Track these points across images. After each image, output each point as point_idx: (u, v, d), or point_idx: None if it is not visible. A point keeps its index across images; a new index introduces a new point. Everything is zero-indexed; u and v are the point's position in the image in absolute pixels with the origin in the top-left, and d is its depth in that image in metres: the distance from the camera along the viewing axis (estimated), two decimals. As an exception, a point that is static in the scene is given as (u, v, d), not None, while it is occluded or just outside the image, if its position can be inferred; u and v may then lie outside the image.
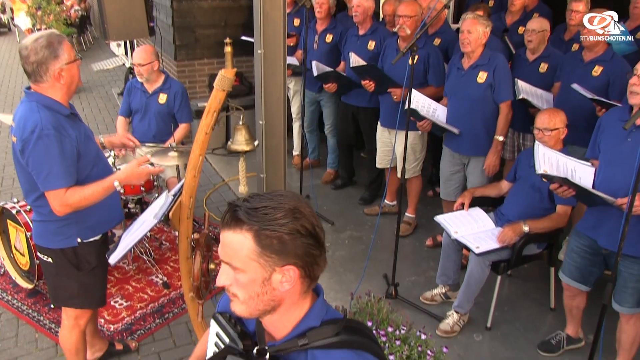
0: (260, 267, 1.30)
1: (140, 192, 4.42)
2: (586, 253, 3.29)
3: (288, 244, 1.28)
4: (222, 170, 6.60)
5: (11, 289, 4.36)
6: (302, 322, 1.38)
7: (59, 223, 2.79)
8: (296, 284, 1.33)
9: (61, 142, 2.59)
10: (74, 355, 3.18)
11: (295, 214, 1.30)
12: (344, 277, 4.49)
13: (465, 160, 4.42)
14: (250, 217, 1.28)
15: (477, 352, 3.67)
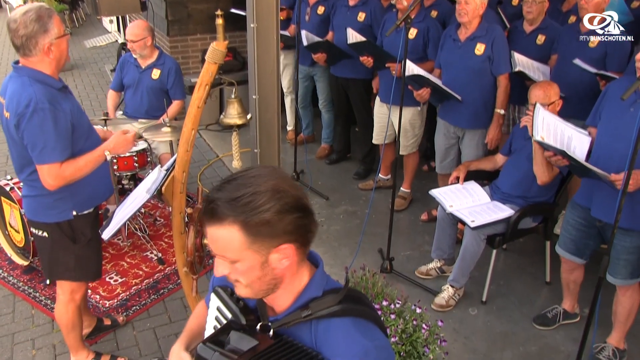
0: (255, 253, 1.28)
1: (134, 168, 4.39)
2: (581, 225, 3.29)
3: (277, 225, 1.26)
4: (216, 146, 6.56)
5: (7, 266, 4.34)
6: (304, 293, 1.38)
7: (54, 196, 2.78)
8: (294, 256, 1.33)
9: (55, 116, 2.58)
10: (70, 330, 3.18)
11: (276, 194, 1.26)
12: (338, 251, 4.49)
13: (460, 133, 4.39)
14: (233, 210, 1.24)
15: (472, 326, 3.69)
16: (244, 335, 1.35)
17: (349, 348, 1.30)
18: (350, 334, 1.32)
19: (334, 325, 1.33)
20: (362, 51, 4.74)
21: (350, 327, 1.33)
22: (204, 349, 1.32)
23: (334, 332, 1.33)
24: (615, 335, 3.38)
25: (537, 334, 3.62)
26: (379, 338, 1.37)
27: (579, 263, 3.41)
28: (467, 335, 3.60)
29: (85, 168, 2.72)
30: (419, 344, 2.60)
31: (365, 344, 1.30)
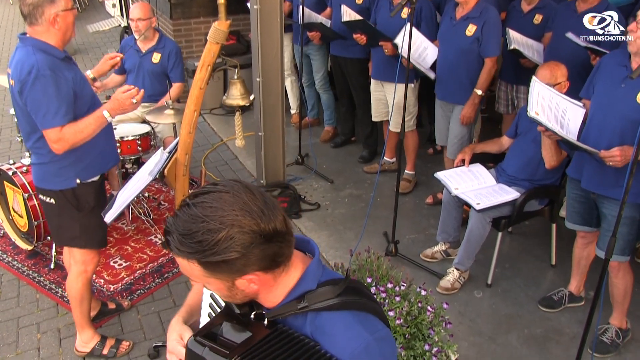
0: (219, 281, 1.24)
1: (138, 152, 4.37)
2: (581, 197, 3.28)
3: (236, 263, 1.18)
4: (220, 130, 6.53)
5: (11, 251, 4.34)
6: (296, 287, 1.31)
7: (58, 164, 2.84)
8: (265, 278, 1.26)
9: (57, 82, 2.63)
10: (78, 303, 3.22)
11: (235, 231, 1.15)
12: (343, 235, 4.47)
13: (450, 108, 4.45)
14: (185, 249, 1.17)
15: (477, 309, 3.67)
16: (237, 326, 1.30)
17: (349, 342, 1.25)
18: (350, 327, 1.27)
19: (332, 319, 1.28)
20: (356, 29, 4.72)
21: (350, 319, 1.28)
22: (194, 344, 1.26)
23: (333, 325, 1.27)
24: (616, 316, 3.38)
25: (542, 316, 3.61)
26: (380, 329, 1.31)
27: (593, 232, 3.37)
28: (472, 317, 3.59)
29: (86, 130, 2.74)
30: (424, 326, 2.59)
31: (365, 337, 1.25)
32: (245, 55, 6.46)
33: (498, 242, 3.78)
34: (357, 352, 1.23)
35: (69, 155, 2.80)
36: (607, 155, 2.85)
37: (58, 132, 2.66)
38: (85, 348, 3.33)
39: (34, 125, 2.74)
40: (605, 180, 3.03)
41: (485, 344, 3.39)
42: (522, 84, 4.47)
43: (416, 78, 4.74)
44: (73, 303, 3.25)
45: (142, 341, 3.47)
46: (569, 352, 3.31)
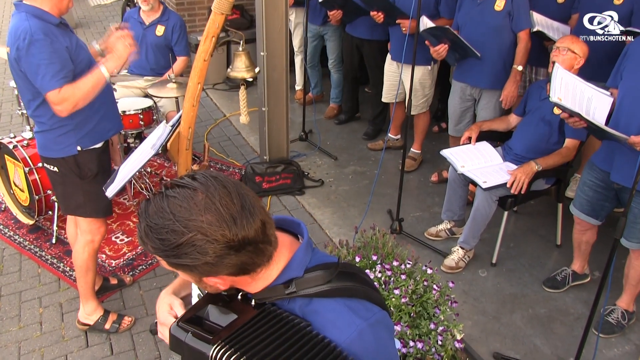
0: (186, 275, 1.19)
1: (140, 127, 4.32)
2: (598, 187, 3.21)
3: (199, 268, 1.12)
4: (223, 105, 6.47)
5: (13, 225, 4.32)
6: (280, 277, 1.24)
7: (58, 132, 2.84)
8: (234, 281, 1.20)
9: (52, 46, 2.62)
10: (84, 273, 3.21)
11: (198, 239, 1.08)
12: (347, 212, 4.44)
13: (477, 95, 4.26)
14: (149, 242, 1.11)
15: (481, 288, 3.64)
16: (222, 308, 1.24)
17: (341, 330, 1.18)
18: (341, 315, 1.20)
19: (323, 306, 1.22)
20: (373, 5, 4.61)
21: (341, 307, 1.21)
22: (177, 330, 1.21)
23: (324, 313, 1.21)
24: (625, 298, 3.35)
25: (546, 297, 3.58)
26: (375, 313, 1.24)
27: (593, 224, 3.34)
28: (476, 296, 3.57)
29: (85, 88, 2.70)
30: (430, 305, 2.56)
31: (359, 323, 1.19)
32: (249, 30, 6.38)
33: (504, 221, 3.74)
34: (349, 340, 1.17)
35: (68, 122, 2.79)
36: (637, 141, 2.74)
37: (57, 93, 2.64)
38: (88, 320, 3.32)
39: (33, 92, 2.73)
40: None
41: (489, 323, 3.36)
42: (542, 66, 4.33)
43: (434, 61, 4.60)
44: (78, 273, 3.24)
45: (144, 317, 3.46)
46: (573, 332, 3.29)
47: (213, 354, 1.13)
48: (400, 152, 5.16)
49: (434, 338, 2.42)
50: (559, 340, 3.25)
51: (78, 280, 3.28)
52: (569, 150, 3.55)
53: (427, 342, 2.39)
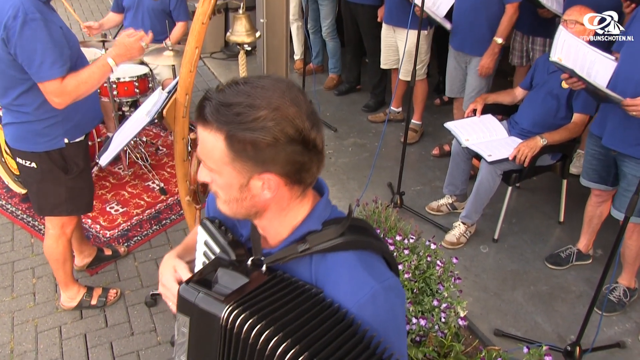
0: (236, 172, 1.11)
1: (135, 95, 4.21)
2: (599, 154, 3.15)
3: (265, 151, 1.07)
4: (220, 74, 6.35)
5: (4, 194, 4.23)
6: (302, 225, 1.20)
7: (44, 123, 2.59)
8: (281, 191, 1.15)
9: (48, 27, 2.36)
10: (61, 265, 3.07)
11: (276, 116, 1.05)
12: (347, 185, 4.35)
13: (467, 59, 4.22)
14: (220, 117, 1.06)
15: (483, 264, 3.59)
16: (233, 272, 1.18)
17: (354, 290, 1.14)
18: (356, 273, 1.16)
19: (337, 262, 1.17)
20: None
21: (356, 264, 1.16)
22: (187, 290, 1.15)
23: (337, 269, 1.16)
24: (625, 276, 3.31)
25: (548, 274, 3.53)
26: (388, 277, 1.19)
27: (608, 191, 3.26)
28: (477, 273, 3.51)
29: (89, 80, 2.50)
30: (433, 281, 2.49)
31: (373, 285, 1.14)
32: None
33: (507, 197, 3.66)
34: (363, 301, 1.12)
35: (57, 112, 2.55)
36: (631, 104, 2.71)
37: (59, 84, 2.41)
38: (71, 303, 3.23)
39: (15, 78, 2.46)
40: (627, 138, 2.89)
41: (491, 299, 3.31)
42: (538, 35, 4.25)
43: (430, 25, 4.52)
44: (55, 265, 3.08)
45: (139, 288, 3.39)
46: (574, 310, 3.25)
47: (225, 315, 1.08)
48: (401, 125, 5.10)
49: (437, 315, 2.35)
50: (560, 317, 3.21)
51: (56, 272, 3.13)
52: (576, 126, 3.46)
53: (430, 319, 2.33)
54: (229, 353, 1.10)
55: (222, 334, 1.09)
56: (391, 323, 1.18)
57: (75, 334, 3.10)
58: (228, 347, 1.09)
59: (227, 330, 1.08)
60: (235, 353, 1.09)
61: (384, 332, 1.13)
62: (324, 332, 1.07)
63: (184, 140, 2.54)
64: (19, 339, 3.06)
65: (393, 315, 1.19)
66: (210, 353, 1.14)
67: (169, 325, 3.13)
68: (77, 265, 3.44)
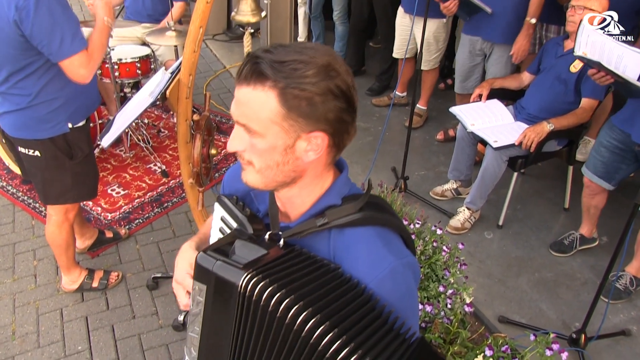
0: (284, 132, 1.08)
1: (137, 76, 4.16)
2: (617, 148, 3.09)
3: (318, 107, 1.06)
4: (223, 56, 6.27)
5: (5, 175, 4.20)
6: (322, 199, 1.19)
7: (46, 107, 2.52)
8: (323, 154, 1.13)
9: (60, 1, 2.30)
10: (64, 250, 3.04)
11: (329, 71, 1.06)
12: (350, 169, 4.22)
13: (487, 50, 4.08)
14: (276, 72, 1.04)
15: (487, 250, 3.56)
16: (250, 244, 1.16)
17: (373, 264, 1.13)
18: (375, 249, 1.14)
19: (355, 237, 1.16)
20: None
21: (375, 239, 1.15)
22: (205, 258, 1.13)
23: (356, 244, 1.15)
24: (635, 264, 3.27)
25: (553, 261, 3.50)
26: (407, 255, 1.18)
27: (606, 188, 3.22)
28: (482, 259, 3.48)
29: (101, 43, 2.49)
30: (439, 267, 2.46)
31: (391, 260, 1.13)
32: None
33: (513, 183, 3.63)
34: (381, 276, 1.12)
35: (59, 95, 2.51)
36: None
37: (86, 55, 2.39)
38: (72, 286, 3.20)
39: (19, 61, 2.38)
40: None
41: (495, 286, 3.29)
42: (553, 23, 4.13)
43: None
44: (58, 251, 3.04)
45: (141, 272, 3.37)
46: (579, 297, 3.23)
47: (243, 283, 1.06)
48: (405, 109, 5.06)
49: (443, 301, 2.33)
50: (564, 305, 3.19)
51: (58, 258, 3.10)
52: (585, 111, 3.41)
53: (436, 305, 2.30)
54: (246, 321, 1.08)
55: (240, 301, 1.07)
56: (407, 300, 1.18)
57: (76, 317, 3.08)
58: (246, 316, 1.08)
59: (245, 298, 1.06)
60: (254, 321, 1.07)
61: (401, 308, 1.12)
62: (344, 305, 1.05)
63: (187, 121, 2.50)
64: (21, 321, 3.05)
65: (409, 293, 1.19)
66: (227, 322, 1.12)
67: (170, 309, 3.11)
68: (79, 247, 3.41)
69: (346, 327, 1.01)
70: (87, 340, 2.95)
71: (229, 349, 1.13)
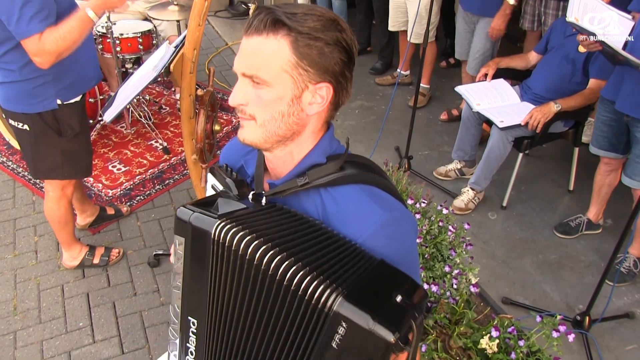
0: (293, 81, 1.09)
1: (139, 51, 4.10)
2: (611, 120, 3.06)
3: (328, 57, 1.09)
4: (225, 33, 6.21)
5: (5, 151, 4.16)
6: (307, 157, 1.19)
7: (33, 83, 2.44)
8: (324, 109, 1.15)
9: None
10: (62, 226, 3.00)
11: (337, 26, 1.09)
12: (353, 148, 4.27)
13: (475, 20, 4.10)
14: (290, 21, 1.06)
15: (491, 231, 3.54)
16: (231, 201, 1.18)
17: (363, 220, 1.12)
18: (363, 204, 1.13)
19: (343, 195, 1.15)
20: None
21: (362, 196, 1.14)
22: (182, 211, 1.14)
23: (345, 202, 1.14)
24: (637, 246, 3.25)
25: (557, 242, 3.48)
26: (399, 208, 1.17)
27: (617, 159, 3.18)
28: (485, 240, 3.46)
29: (69, 36, 2.28)
30: (444, 246, 2.44)
31: (382, 214, 1.12)
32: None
33: (518, 163, 3.59)
34: (371, 231, 1.11)
35: (46, 72, 2.39)
36: None
37: (37, 41, 2.22)
38: (73, 262, 3.18)
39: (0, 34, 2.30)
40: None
41: (499, 267, 3.27)
42: None
43: None
44: (57, 227, 3.01)
45: (142, 249, 3.35)
46: (583, 279, 3.21)
47: (216, 231, 1.07)
48: (408, 88, 5.01)
49: (448, 281, 2.31)
50: (568, 287, 3.17)
51: (58, 234, 3.07)
52: (592, 92, 3.36)
53: (441, 285, 2.28)
54: (221, 269, 1.10)
55: (214, 249, 1.09)
56: (404, 256, 1.16)
57: (77, 293, 3.07)
58: (220, 262, 1.09)
59: (219, 245, 1.08)
60: (227, 267, 1.08)
61: (398, 264, 1.10)
62: (319, 250, 1.06)
63: (190, 97, 2.46)
64: (22, 297, 3.03)
65: (409, 243, 1.19)
66: (204, 272, 1.14)
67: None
68: (79, 224, 3.39)
69: (320, 267, 1.02)
70: (88, 317, 2.94)
71: (207, 298, 1.15)
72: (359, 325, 0.95)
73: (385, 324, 0.93)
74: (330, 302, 0.97)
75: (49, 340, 2.81)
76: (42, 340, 2.81)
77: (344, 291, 0.98)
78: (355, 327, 0.95)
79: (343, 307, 0.96)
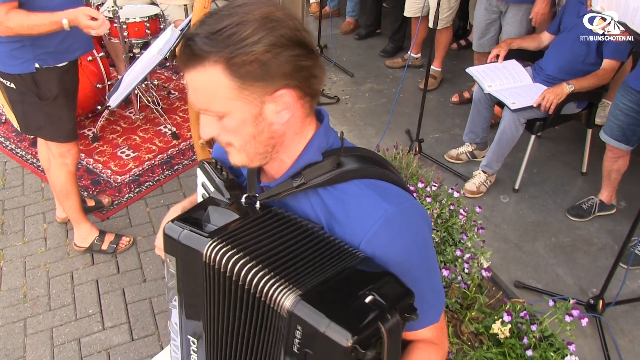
0: (246, 103, 1.02)
1: (146, 35, 4.07)
2: (632, 110, 2.99)
3: (270, 63, 0.99)
4: (232, 17, 6.16)
5: (14, 138, 4.15)
6: (301, 157, 1.13)
7: (11, 45, 2.47)
8: (297, 108, 1.07)
9: None
10: (64, 197, 3.02)
11: (267, 24, 0.99)
12: (364, 131, 4.23)
13: (503, 7, 3.95)
14: (213, 45, 0.98)
15: (503, 214, 3.49)
16: (223, 210, 1.12)
17: (365, 217, 1.05)
18: (365, 200, 1.06)
19: (346, 193, 1.08)
20: None
21: (365, 190, 1.07)
22: (171, 228, 1.09)
23: (346, 200, 1.08)
24: None
25: (570, 225, 3.43)
26: (406, 201, 1.09)
27: (624, 150, 3.13)
28: (497, 223, 3.42)
29: (35, 29, 2.35)
30: (455, 230, 2.40)
31: (386, 208, 1.04)
32: None
33: (530, 146, 3.54)
34: (375, 229, 1.03)
35: (21, 38, 2.42)
36: None
37: (3, 13, 2.26)
38: (84, 242, 3.18)
39: None
40: None
41: (511, 250, 3.23)
42: None
43: None
44: (59, 198, 3.06)
45: (151, 235, 3.34)
46: (597, 262, 3.17)
47: (207, 252, 1.02)
48: (419, 71, 4.95)
49: (460, 266, 2.27)
50: (582, 270, 3.13)
51: (62, 206, 3.12)
52: (606, 72, 3.30)
53: (453, 269, 2.25)
54: (216, 292, 1.06)
55: (207, 271, 1.05)
56: (416, 251, 1.09)
57: (87, 280, 3.06)
58: (217, 288, 1.05)
59: (211, 269, 1.04)
60: (224, 293, 1.04)
61: (407, 266, 1.04)
62: (313, 263, 1.01)
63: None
64: (31, 284, 3.03)
65: (416, 243, 1.09)
66: (199, 295, 1.09)
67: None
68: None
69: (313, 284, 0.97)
70: (97, 304, 2.93)
71: (205, 319, 1.11)
72: (313, 327, 0.90)
73: (341, 325, 0.87)
74: (283, 302, 0.94)
75: (58, 327, 2.81)
76: (52, 327, 2.81)
77: (299, 291, 0.94)
78: (311, 330, 0.90)
79: (297, 308, 0.92)
